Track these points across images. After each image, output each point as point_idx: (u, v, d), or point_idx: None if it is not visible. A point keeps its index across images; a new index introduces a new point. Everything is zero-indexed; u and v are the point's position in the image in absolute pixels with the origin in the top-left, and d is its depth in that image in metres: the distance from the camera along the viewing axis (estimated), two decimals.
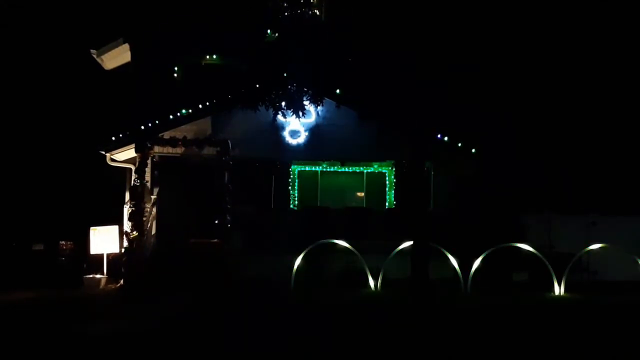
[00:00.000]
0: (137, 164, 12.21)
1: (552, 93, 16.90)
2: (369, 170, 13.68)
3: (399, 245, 11.18)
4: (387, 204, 13.57)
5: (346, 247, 11.42)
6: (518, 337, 7.67)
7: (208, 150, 12.44)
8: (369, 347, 6.98)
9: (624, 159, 16.60)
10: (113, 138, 12.56)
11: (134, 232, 11.52)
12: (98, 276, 12.29)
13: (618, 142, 16.78)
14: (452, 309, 9.73)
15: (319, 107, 12.43)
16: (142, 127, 12.33)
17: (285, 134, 13.28)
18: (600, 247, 11.60)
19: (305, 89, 11.67)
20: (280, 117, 11.82)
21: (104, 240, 12.56)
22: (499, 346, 7.19)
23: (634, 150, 16.57)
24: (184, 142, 12.25)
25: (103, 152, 12.81)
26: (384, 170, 13.68)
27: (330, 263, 11.85)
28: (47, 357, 6.60)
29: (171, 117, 12.51)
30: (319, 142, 13.28)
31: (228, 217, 11.92)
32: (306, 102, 11.67)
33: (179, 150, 12.48)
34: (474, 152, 13.17)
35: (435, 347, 7.09)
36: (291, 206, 13.27)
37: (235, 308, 9.49)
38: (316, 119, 13.29)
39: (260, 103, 11.48)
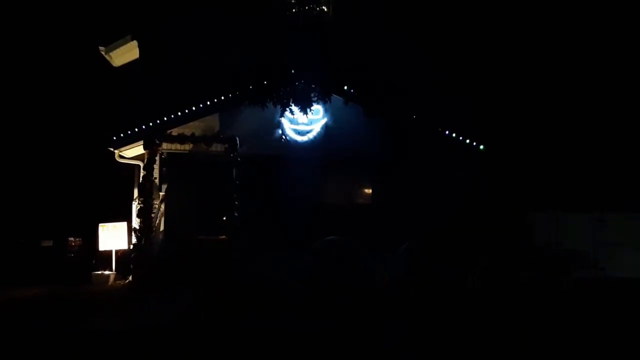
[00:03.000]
0: (145, 160, 12.25)
1: (559, 89, 16.84)
2: (374, 168, 13.64)
3: (405, 242, 11.20)
4: (392, 201, 13.54)
5: (352, 244, 11.43)
6: (524, 335, 7.68)
7: (216, 147, 12.44)
8: (372, 345, 7.02)
9: (632, 154, 16.52)
10: (121, 135, 12.60)
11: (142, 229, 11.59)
12: (106, 272, 12.37)
13: (626, 138, 16.70)
14: (457, 306, 9.74)
15: (326, 104, 12.45)
16: (151, 124, 12.36)
17: (293, 130, 13.27)
18: (608, 244, 11.60)
19: (312, 86, 11.68)
20: (287, 113, 11.85)
21: (113, 237, 12.64)
22: (504, 344, 7.21)
23: None
24: (192, 138, 12.25)
25: (111, 149, 12.85)
26: (389, 168, 13.64)
27: (336, 260, 11.85)
28: (56, 352, 6.66)
29: (179, 113, 12.52)
30: (326, 139, 13.26)
31: (236, 214, 11.94)
32: (314, 99, 11.68)
33: (187, 146, 12.47)
34: (481, 149, 13.15)
35: (440, 345, 7.11)
36: (298, 203, 13.27)
37: (242, 305, 9.54)
38: (324, 116, 13.27)
39: (268, 99, 11.50)
